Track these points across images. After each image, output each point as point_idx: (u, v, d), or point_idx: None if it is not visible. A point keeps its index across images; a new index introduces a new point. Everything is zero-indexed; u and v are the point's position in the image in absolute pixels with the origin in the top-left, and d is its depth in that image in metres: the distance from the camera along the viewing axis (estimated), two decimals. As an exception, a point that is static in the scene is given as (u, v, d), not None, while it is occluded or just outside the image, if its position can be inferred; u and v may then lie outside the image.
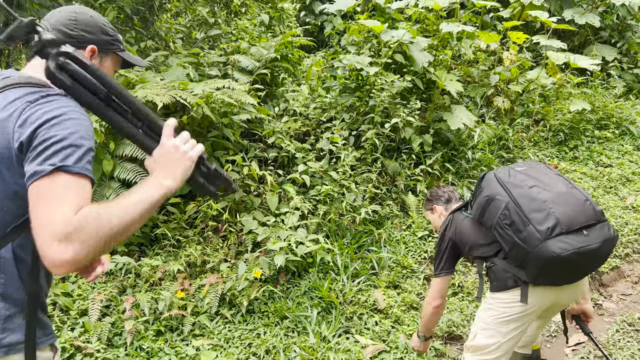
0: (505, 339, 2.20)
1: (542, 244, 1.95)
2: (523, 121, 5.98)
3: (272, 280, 3.73)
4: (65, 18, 1.41)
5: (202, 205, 3.94)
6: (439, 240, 2.50)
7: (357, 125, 4.82)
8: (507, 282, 2.16)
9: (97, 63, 1.44)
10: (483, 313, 2.28)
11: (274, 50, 5.46)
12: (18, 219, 1.23)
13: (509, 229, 2.05)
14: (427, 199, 2.83)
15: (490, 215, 2.14)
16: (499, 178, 2.18)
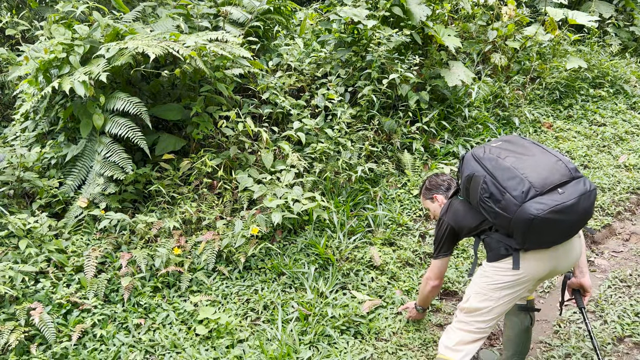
0: (497, 304, 2.25)
1: (520, 208, 2.00)
2: (519, 78, 5.91)
3: (268, 238, 3.71)
4: None
5: (196, 162, 3.86)
6: (438, 225, 2.53)
7: (353, 81, 4.71)
8: (500, 251, 2.21)
9: None
10: (478, 279, 2.33)
11: (267, 1, 5.26)
12: None
13: (489, 200, 2.11)
14: (427, 188, 2.81)
15: (473, 192, 2.21)
16: (475, 155, 2.24)
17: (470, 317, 2.31)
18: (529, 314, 2.61)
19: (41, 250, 3.18)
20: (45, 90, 3.53)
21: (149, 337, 2.90)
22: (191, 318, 3.07)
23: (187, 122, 4.07)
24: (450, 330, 2.39)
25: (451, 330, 2.39)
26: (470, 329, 2.31)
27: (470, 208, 2.37)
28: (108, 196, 3.63)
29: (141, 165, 3.89)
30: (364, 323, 3.09)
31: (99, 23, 3.61)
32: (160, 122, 4.21)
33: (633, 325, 3.01)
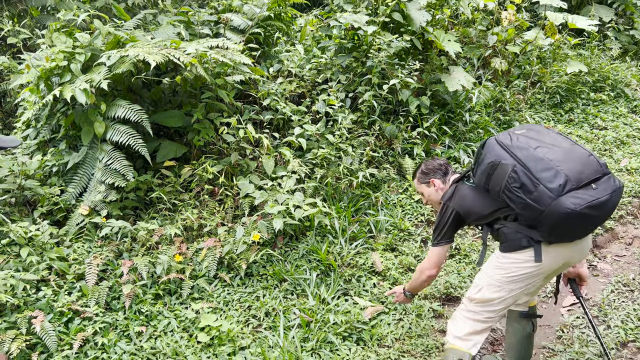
0: (509, 295, 2.26)
1: (555, 201, 1.98)
2: (520, 83, 5.91)
3: (269, 244, 3.70)
4: None
5: (198, 169, 3.86)
6: (441, 211, 2.47)
7: (354, 87, 4.72)
8: (520, 242, 2.18)
9: None
10: (491, 270, 2.29)
11: (267, 8, 5.28)
12: None
13: (519, 191, 2.06)
14: (423, 172, 2.73)
15: (497, 180, 2.16)
16: (501, 142, 2.19)
17: (481, 307, 2.31)
18: (530, 321, 2.59)
19: (42, 258, 3.18)
20: (46, 98, 3.55)
21: (150, 344, 2.89)
22: (193, 325, 3.06)
23: (188, 129, 4.08)
24: (459, 319, 2.38)
25: (460, 319, 2.38)
26: (480, 319, 2.32)
27: (481, 195, 2.33)
28: (109, 203, 3.63)
29: (142, 173, 3.89)
30: (366, 329, 3.08)
31: (100, 31, 3.63)
32: (162, 129, 4.22)
33: (637, 330, 3.00)
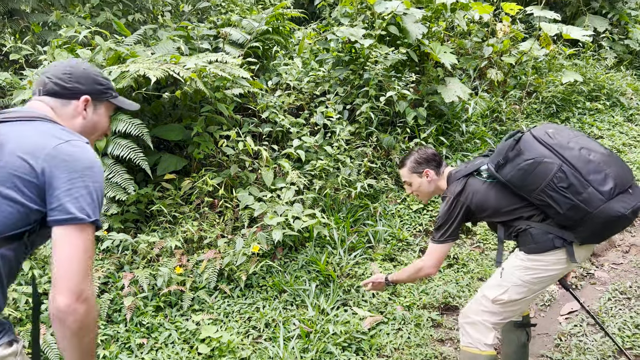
0: (532, 295, 2.29)
1: (606, 204, 2.00)
2: (516, 93, 5.98)
3: (269, 255, 3.74)
4: (60, 72, 1.57)
5: (198, 181, 3.91)
6: (449, 205, 2.34)
7: (351, 99, 4.78)
8: (552, 243, 2.17)
9: (91, 111, 1.61)
10: (519, 272, 2.25)
11: (265, 22, 5.36)
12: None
13: (566, 191, 2.04)
14: (417, 161, 2.56)
15: (537, 178, 2.10)
16: (542, 140, 2.12)
17: (504, 308, 2.30)
18: (525, 330, 2.59)
19: (45, 272, 3.21)
20: (48, 113, 3.59)
21: (151, 356, 2.91)
22: (193, 337, 3.08)
23: (188, 142, 4.13)
24: (481, 325, 2.32)
25: (481, 325, 2.32)
26: (500, 319, 2.32)
27: (498, 190, 2.27)
28: (110, 217, 3.67)
29: (143, 186, 3.93)
30: (366, 339, 3.10)
31: (101, 47, 3.69)
32: (162, 142, 4.27)
33: (634, 337, 3.02)
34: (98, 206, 1.37)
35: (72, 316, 1.29)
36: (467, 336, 2.37)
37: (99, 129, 1.67)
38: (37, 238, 1.41)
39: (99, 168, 1.42)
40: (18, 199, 1.30)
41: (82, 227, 1.32)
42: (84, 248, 1.32)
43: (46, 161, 1.33)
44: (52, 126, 1.45)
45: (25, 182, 1.31)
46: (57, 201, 1.31)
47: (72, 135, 1.46)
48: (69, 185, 1.32)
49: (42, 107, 1.54)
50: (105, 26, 5.46)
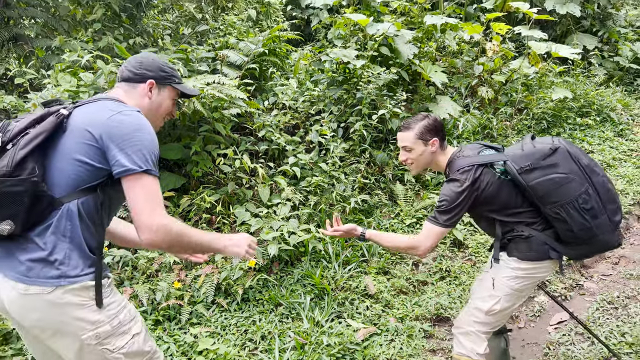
0: (520, 302, 2.38)
1: (611, 234, 2.16)
2: (507, 110, 6.13)
3: (265, 270, 3.84)
4: (133, 62, 1.92)
5: (196, 199, 4.03)
6: (462, 191, 2.22)
7: (345, 117, 4.93)
8: (547, 254, 2.24)
9: (156, 93, 1.92)
10: (511, 282, 2.31)
11: (262, 45, 5.54)
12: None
13: (587, 213, 2.13)
14: (426, 128, 2.37)
15: (563, 193, 2.14)
16: (576, 158, 2.16)
17: (496, 317, 2.37)
18: (503, 336, 2.66)
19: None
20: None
21: (150, 368, 2.99)
22: (191, 349, 3.16)
23: (187, 161, 4.26)
24: (475, 335, 2.38)
25: (475, 335, 2.38)
26: (491, 328, 2.40)
27: (514, 193, 2.26)
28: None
29: (143, 203, 4.04)
30: (359, 350, 3.18)
31: (103, 70, 3.85)
32: (161, 161, 4.41)
33: (619, 345, 3.10)
34: (149, 159, 1.65)
35: (157, 244, 1.64)
36: (460, 346, 2.43)
37: (163, 108, 1.96)
38: (111, 191, 1.72)
39: (146, 128, 1.70)
40: (86, 160, 1.65)
41: (137, 176, 1.62)
42: (144, 192, 1.62)
43: (102, 129, 1.65)
44: (110, 103, 1.75)
45: (89, 147, 1.65)
46: (114, 158, 1.63)
47: (125, 107, 1.74)
48: (122, 145, 1.63)
49: (115, 91, 1.89)
50: (107, 50, 5.64)
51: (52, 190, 1.64)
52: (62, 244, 1.64)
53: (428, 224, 2.31)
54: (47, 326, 1.66)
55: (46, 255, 1.62)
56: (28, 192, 1.59)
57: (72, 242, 1.66)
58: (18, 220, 1.59)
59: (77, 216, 1.66)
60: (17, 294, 1.62)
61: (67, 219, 1.65)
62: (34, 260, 1.62)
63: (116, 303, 1.76)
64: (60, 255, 1.63)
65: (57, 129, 1.67)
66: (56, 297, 1.61)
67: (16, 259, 1.63)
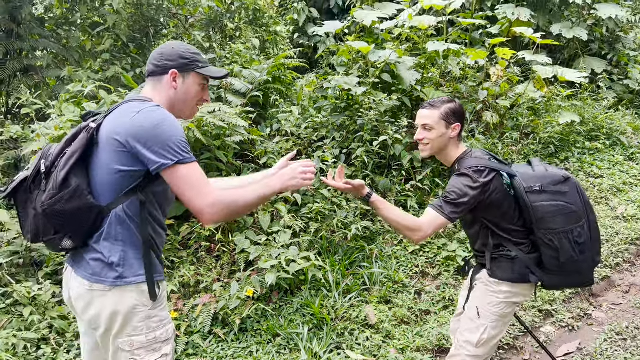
0: (506, 328, 2.38)
1: (590, 271, 2.26)
2: (513, 135, 6.07)
3: (265, 299, 3.79)
4: (155, 55, 1.92)
5: (196, 227, 4.02)
6: (471, 187, 2.17)
7: (348, 144, 4.92)
8: (527, 277, 2.26)
9: (181, 82, 1.92)
10: (495, 308, 2.30)
11: (267, 72, 5.60)
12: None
13: (578, 246, 2.18)
14: (453, 111, 2.30)
15: (562, 221, 2.17)
16: (582, 194, 2.24)
17: (486, 346, 2.34)
18: None
19: (44, 317, 3.30)
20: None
21: (143, 401, 2.94)
22: (186, 381, 3.11)
23: (188, 188, 4.26)
24: None
25: None
26: (486, 357, 2.37)
27: (511, 204, 2.24)
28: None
29: (143, 231, 4.04)
30: (357, 383, 3.10)
31: (105, 100, 3.91)
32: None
33: (628, 379, 2.98)
34: (177, 149, 1.70)
35: (218, 221, 1.79)
36: None
37: (191, 96, 1.95)
38: (152, 188, 1.79)
39: (167, 121, 1.73)
40: (120, 168, 1.74)
41: (172, 169, 1.69)
42: (183, 182, 1.70)
43: (127, 133, 1.71)
44: (133, 104, 1.79)
45: (120, 153, 1.73)
46: (145, 158, 1.70)
47: (145, 105, 1.78)
48: (148, 144, 1.69)
49: (145, 88, 1.93)
50: (115, 79, 5.75)
51: (99, 200, 1.76)
52: (116, 247, 1.76)
53: (433, 212, 2.21)
54: (100, 323, 1.78)
55: (105, 259, 1.76)
56: (79, 207, 1.72)
57: (126, 245, 1.77)
58: (76, 235, 1.76)
59: (127, 219, 1.77)
60: (83, 289, 1.78)
61: (117, 224, 1.76)
62: (97, 261, 1.77)
63: (158, 318, 1.84)
64: (116, 258, 1.76)
65: (89, 144, 1.77)
66: (114, 295, 1.76)
67: (84, 259, 1.79)
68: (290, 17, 9.16)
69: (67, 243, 1.77)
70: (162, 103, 1.88)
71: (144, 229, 1.80)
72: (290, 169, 1.98)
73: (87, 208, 1.73)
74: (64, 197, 1.70)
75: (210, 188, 1.73)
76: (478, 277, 2.42)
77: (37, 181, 1.80)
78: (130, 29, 6.90)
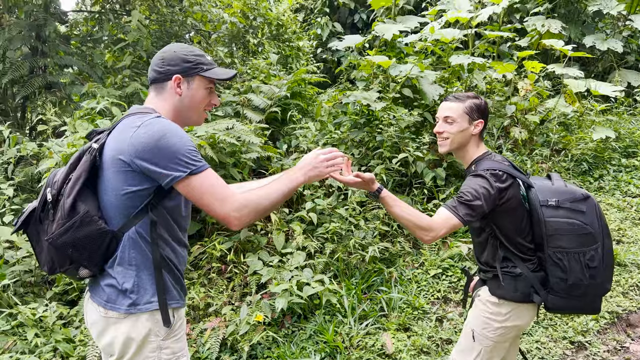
0: (502, 354, 2.23)
1: (597, 298, 2.08)
2: (543, 151, 5.79)
3: (277, 323, 3.62)
4: (156, 60, 1.81)
5: (208, 247, 3.90)
6: (487, 189, 2.01)
7: (367, 161, 4.75)
8: (530, 297, 2.11)
9: (185, 87, 1.80)
10: (491, 333, 2.15)
11: (287, 88, 5.50)
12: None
13: (589, 270, 2.02)
14: (478, 107, 2.17)
15: (575, 241, 2.01)
16: (599, 215, 2.06)
17: None
18: None
19: (49, 340, 3.22)
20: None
21: None
22: (190, 412, 2.96)
23: (201, 207, 4.16)
24: None
25: None
26: None
27: (524, 216, 2.10)
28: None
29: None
30: (370, 419, 2.89)
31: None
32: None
33: None
34: (186, 159, 1.61)
35: (247, 224, 1.68)
36: None
37: (197, 100, 1.83)
38: (164, 204, 1.71)
39: (169, 132, 1.62)
40: (127, 189, 1.64)
41: (185, 181, 1.61)
42: (200, 192, 1.62)
43: (130, 152, 1.61)
44: (133, 118, 1.68)
45: (126, 173, 1.63)
46: (155, 174, 1.61)
47: (144, 118, 1.66)
48: (154, 160, 1.59)
49: (148, 97, 1.83)
50: (135, 95, 5.75)
51: (110, 224, 1.68)
52: (129, 272, 1.68)
53: (446, 212, 2.03)
54: (114, 350, 1.72)
55: (119, 285, 1.69)
56: (90, 234, 1.64)
57: (140, 269, 1.69)
58: (91, 263, 1.68)
59: (140, 241, 1.69)
60: (98, 315, 1.72)
61: (131, 247, 1.68)
62: (111, 287, 1.70)
63: (170, 350, 1.76)
64: (129, 284, 1.68)
65: (92, 166, 1.69)
66: (128, 323, 1.69)
67: (99, 285, 1.73)
68: (313, 32, 9.10)
69: (84, 272, 1.72)
70: (166, 111, 1.78)
71: (155, 251, 1.71)
72: (311, 157, 1.86)
73: (99, 234, 1.65)
74: (74, 225, 1.62)
75: (231, 191, 1.65)
76: (478, 294, 2.27)
77: (46, 211, 1.72)
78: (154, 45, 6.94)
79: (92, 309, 1.74)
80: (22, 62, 5.91)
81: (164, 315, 1.71)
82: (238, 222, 1.64)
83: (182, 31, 7.47)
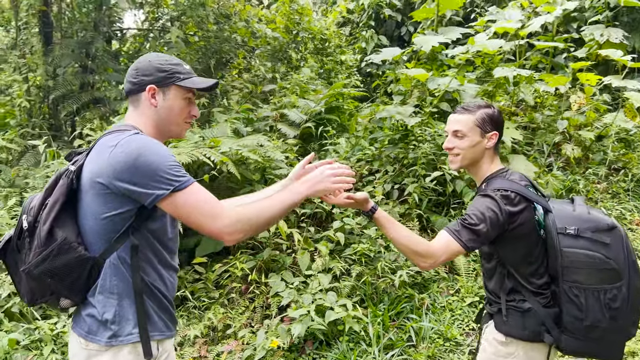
0: None
1: (618, 346, 1.80)
2: (599, 170, 5.32)
3: (297, 349, 3.45)
4: (130, 71, 1.73)
5: (230, 265, 3.80)
6: (494, 212, 1.78)
7: (402, 178, 4.52)
8: (541, 336, 1.84)
9: (161, 98, 1.70)
10: None
11: (325, 102, 5.39)
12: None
13: (609, 311, 1.73)
14: (490, 117, 1.93)
15: (592, 276, 1.75)
16: (627, 249, 1.77)
17: None
18: None
19: (65, 356, 3.20)
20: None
21: None
22: None
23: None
24: None
25: None
26: None
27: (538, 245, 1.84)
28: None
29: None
30: None
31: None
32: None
33: None
34: (167, 176, 1.51)
35: (241, 239, 1.58)
36: None
37: (175, 112, 1.72)
38: (147, 226, 1.62)
39: (147, 149, 1.52)
40: (107, 212, 1.56)
41: (169, 199, 1.52)
42: (187, 209, 1.53)
43: (107, 174, 1.52)
44: (109, 138, 1.59)
45: (105, 196, 1.55)
46: (137, 194, 1.52)
47: (120, 136, 1.57)
48: (133, 180, 1.50)
49: (127, 113, 1.75)
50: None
51: (91, 251, 1.59)
52: (110, 301, 1.60)
53: (447, 237, 1.81)
54: None
55: (99, 316, 1.60)
56: (69, 262, 1.55)
57: (122, 297, 1.60)
58: (72, 293, 1.60)
59: (122, 267, 1.60)
60: (79, 347, 1.63)
61: (112, 274, 1.59)
62: (92, 317, 1.61)
63: None
64: (110, 314, 1.59)
65: (70, 190, 1.59)
66: (110, 355, 1.60)
67: (80, 315, 1.64)
68: (358, 46, 8.97)
69: (64, 302, 1.63)
70: (145, 126, 1.69)
71: (135, 276, 1.60)
72: (317, 171, 1.76)
73: (79, 262, 1.56)
74: (52, 254, 1.53)
75: (221, 206, 1.55)
76: (485, 333, 2.00)
77: (22, 239, 1.63)
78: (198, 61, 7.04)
79: (73, 340, 1.66)
80: (72, 78, 6.15)
81: (145, 348, 1.61)
82: (231, 237, 1.55)
83: (225, 47, 7.54)
